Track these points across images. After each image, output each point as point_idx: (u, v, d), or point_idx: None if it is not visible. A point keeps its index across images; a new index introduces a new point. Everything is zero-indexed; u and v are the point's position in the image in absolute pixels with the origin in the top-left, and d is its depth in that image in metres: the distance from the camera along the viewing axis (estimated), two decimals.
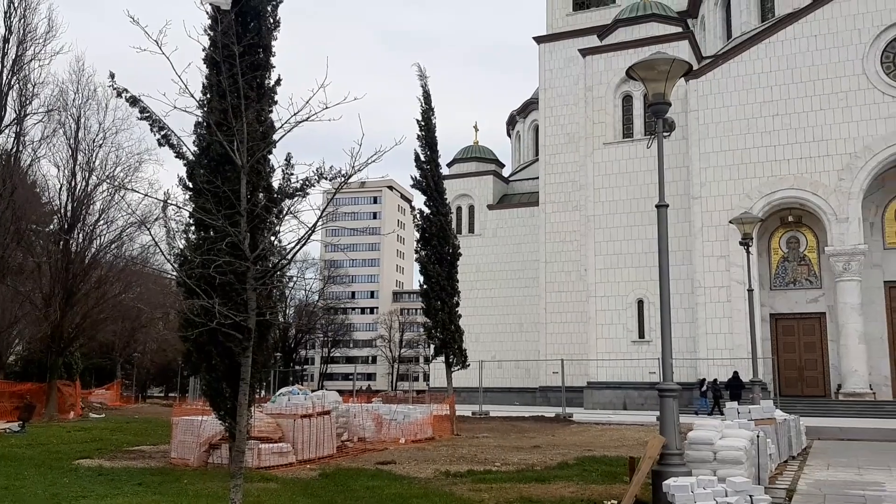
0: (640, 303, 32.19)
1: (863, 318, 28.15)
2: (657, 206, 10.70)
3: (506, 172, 50.62)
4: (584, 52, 35.12)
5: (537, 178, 42.01)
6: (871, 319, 28.81)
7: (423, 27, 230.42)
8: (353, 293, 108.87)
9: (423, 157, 21.12)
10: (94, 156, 26.14)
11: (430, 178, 20.99)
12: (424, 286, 20.70)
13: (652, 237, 29.43)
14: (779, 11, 34.30)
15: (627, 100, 34.15)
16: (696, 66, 32.73)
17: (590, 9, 41.73)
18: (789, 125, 29.43)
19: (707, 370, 29.17)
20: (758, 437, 10.01)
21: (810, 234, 30.49)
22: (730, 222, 24.46)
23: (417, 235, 21.10)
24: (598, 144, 33.78)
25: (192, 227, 9.82)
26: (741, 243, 22.30)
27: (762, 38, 30.66)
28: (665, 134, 11.04)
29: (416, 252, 20.99)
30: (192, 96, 8.85)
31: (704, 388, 28.26)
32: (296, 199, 13.58)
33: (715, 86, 30.87)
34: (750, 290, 21.95)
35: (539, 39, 41.77)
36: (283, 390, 19.29)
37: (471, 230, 45.37)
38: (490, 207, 45.27)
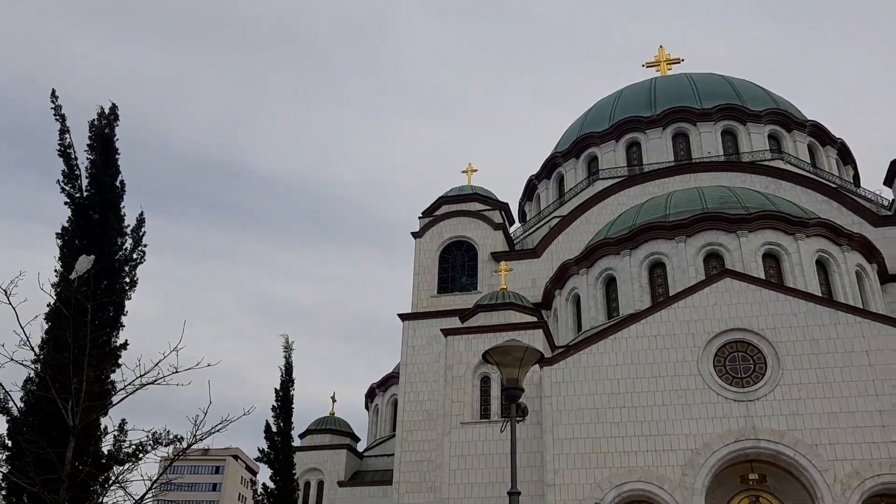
0: None
1: None
2: (509, 493, 10.51)
3: (362, 446, 49.20)
4: (446, 332, 36.40)
5: (392, 454, 40.96)
6: None
7: (292, 296, 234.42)
8: None
9: (274, 429, 20.25)
10: None
11: (279, 451, 19.97)
12: None
13: None
14: (622, 311, 37.49)
15: (486, 381, 35.00)
16: (549, 355, 34.44)
17: (453, 293, 44.05)
18: (636, 418, 30.75)
19: None
20: None
21: None
22: None
23: None
24: (455, 423, 33.81)
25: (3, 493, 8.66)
26: None
27: (609, 334, 32.99)
28: (518, 418, 11.18)
29: None
30: (33, 349, 8.27)
31: None
32: (127, 466, 12.41)
33: (567, 374, 32.31)
34: None
35: (404, 317, 43.17)
36: None
37: None
38: (341, 484, 43.16)
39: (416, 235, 46.06)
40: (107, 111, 15.46)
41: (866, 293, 37.61)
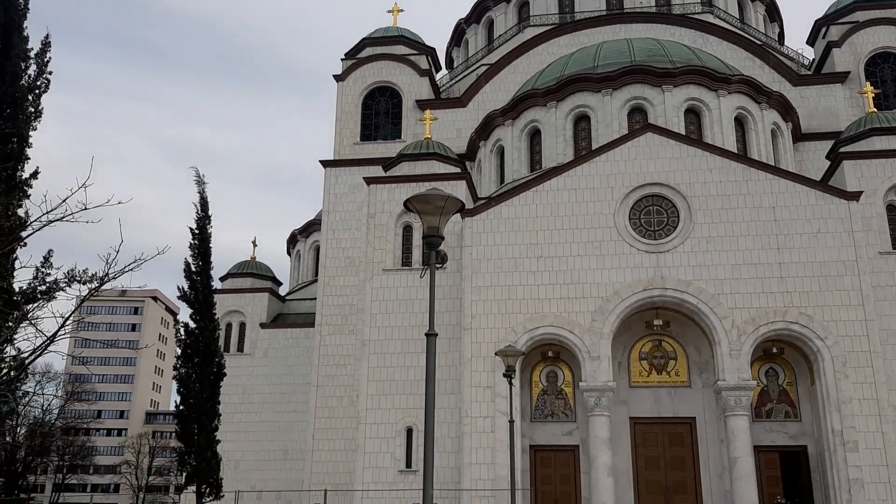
0: (410, 431, 32.02)
1: (611, 451, 29.94)
2: (427, 335, 10.73)
3: (284, 291, 49.61)
4: (369, 181, 36.05)
5: (315, 298, 41.51)
6: (618, 453, 30.72)
7: (208, 142, 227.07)
8: (100, 412, 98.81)
9: (194, 268, 20.01)
10: None
11: (199, 290, 19.84)
12: (181, 407, 19.10)
13: (424, 365, 29.73)
14: (545, 164, 37.74)
15: (408, 230, 35.22)
16: (471, 205, 34.70)
17: (377, 140, 43.31)
18: (551, 267, 31.72)
19: (469, 502, 29.25)
20: None
21: (567, 369, 32.44)
22: (496, 354, 25.45)
23: (179, 351, 19.65)
24: (377, 270, 34.22)
25: None
26: (505, 375, 23.18)
27: (531, 186, 33.30)
28: (438, 265, 11.24)
29: (175, 369, 19.46)
30: None
31: None
32: (39, 303, 11.99)
33: (488, 224, 32.76)
34: (511, 422, 22.57)
35: (326, 164, 42.41)
36: None
37: (240, 349, 43.39)
38: (263, 326, 43.78)
39: (338, 78, 44.46)
40: None
41: (779, 151, 38.82)
